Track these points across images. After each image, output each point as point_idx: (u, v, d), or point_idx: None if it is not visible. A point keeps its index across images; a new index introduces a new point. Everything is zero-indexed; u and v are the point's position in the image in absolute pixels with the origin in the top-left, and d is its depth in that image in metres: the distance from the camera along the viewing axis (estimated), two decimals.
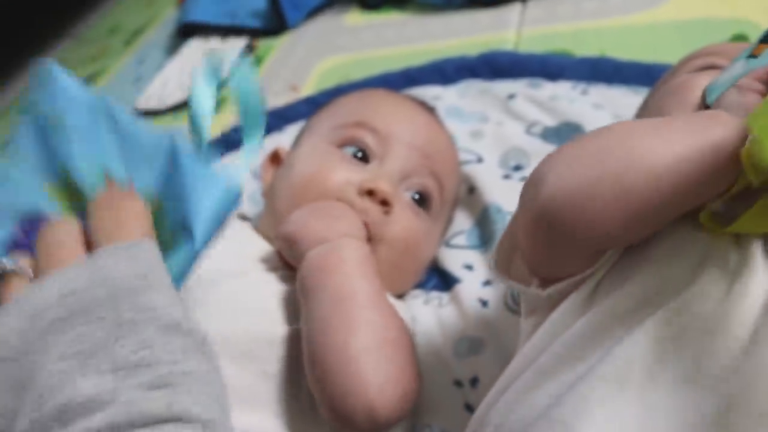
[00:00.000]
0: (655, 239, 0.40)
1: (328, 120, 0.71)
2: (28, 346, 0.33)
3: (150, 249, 0.37)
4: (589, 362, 0.38)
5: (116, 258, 0.35)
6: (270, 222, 0.66)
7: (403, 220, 0.63)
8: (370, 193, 0.62)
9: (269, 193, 0.70)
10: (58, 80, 0.42)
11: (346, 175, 0.63)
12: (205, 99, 0.44)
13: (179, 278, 0.40)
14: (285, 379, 0.55)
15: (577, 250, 0.41)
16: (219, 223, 0.41)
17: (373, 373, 0.50)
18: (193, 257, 0.40)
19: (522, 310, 0.49)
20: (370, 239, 0.61)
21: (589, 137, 0.42)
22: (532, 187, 0.41)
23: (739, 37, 0.86)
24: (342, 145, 0.66)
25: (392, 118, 0.68)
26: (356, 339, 0.51)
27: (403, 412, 0.51)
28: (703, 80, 0.46)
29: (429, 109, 0.75)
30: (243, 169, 0.44)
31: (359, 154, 0.66)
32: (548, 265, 0.44)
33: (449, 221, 0.74)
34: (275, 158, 0.74)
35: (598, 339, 0.38)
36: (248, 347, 0.54)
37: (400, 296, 0.68)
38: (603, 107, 0.81)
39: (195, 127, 0.43)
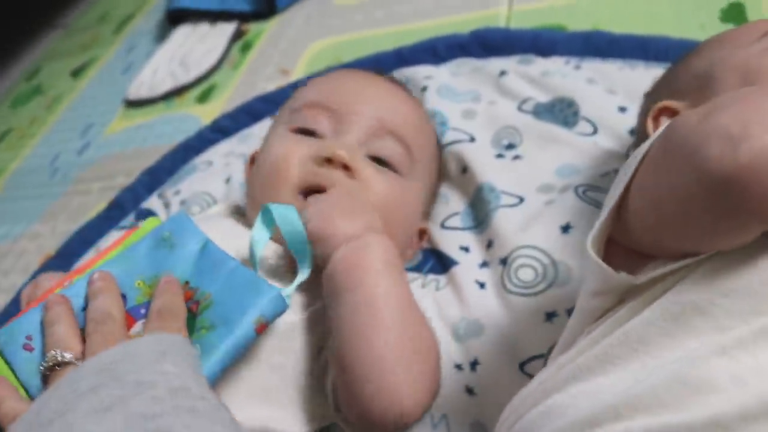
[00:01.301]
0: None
1: (287, 106, 0.73)
2: (65, 409, 0.38)
3: (175, 339, 0.46)
4: (664, 358, 0.35)
5: (146, 341, 0.44)
6: (251, 212, 0.67)
7: (373, 182, 0.64)
8: (329, 162, 0.62)
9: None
10: (183, 220, 0.56)
11: (301, 152, 0.64)
12: (261, 241, 0.55)
13: (217, 362, 0.49)
14: (291, 368, 0.56)
15: (753, 223, 0.36)
16: (259, 325, 0.50)
17: (406, 377, 0.50)
18: (232, 347, 0.49)
19: (588, 288, 0.45)
20: None
21: None
22: (720, 143, 0.34)
23: (735, 6, 0.84)
24: (297, 127, 0.67)
25: (344, 92, 0.69)
26: (391, 344, 0.51)
27: (424, 413, 0.52)
28: None
29: (391, 79, 0.76)
30: (291, 287, 0.53)
31: (313, 134, 0.67)
32: (692, 238, 0.39)
33: (434, 185, 0.74)
34: (252, 161, 0.75)
35: (675, 333, 0.36)
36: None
37: None
38: (596, 82, 0.79)
39: (252, 258, 0.55)
